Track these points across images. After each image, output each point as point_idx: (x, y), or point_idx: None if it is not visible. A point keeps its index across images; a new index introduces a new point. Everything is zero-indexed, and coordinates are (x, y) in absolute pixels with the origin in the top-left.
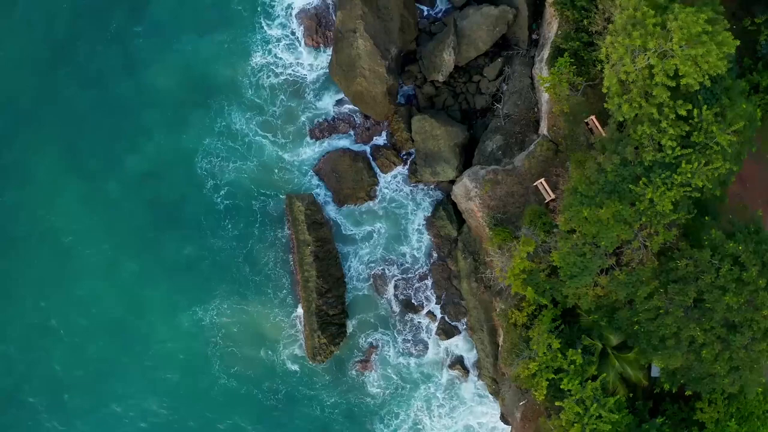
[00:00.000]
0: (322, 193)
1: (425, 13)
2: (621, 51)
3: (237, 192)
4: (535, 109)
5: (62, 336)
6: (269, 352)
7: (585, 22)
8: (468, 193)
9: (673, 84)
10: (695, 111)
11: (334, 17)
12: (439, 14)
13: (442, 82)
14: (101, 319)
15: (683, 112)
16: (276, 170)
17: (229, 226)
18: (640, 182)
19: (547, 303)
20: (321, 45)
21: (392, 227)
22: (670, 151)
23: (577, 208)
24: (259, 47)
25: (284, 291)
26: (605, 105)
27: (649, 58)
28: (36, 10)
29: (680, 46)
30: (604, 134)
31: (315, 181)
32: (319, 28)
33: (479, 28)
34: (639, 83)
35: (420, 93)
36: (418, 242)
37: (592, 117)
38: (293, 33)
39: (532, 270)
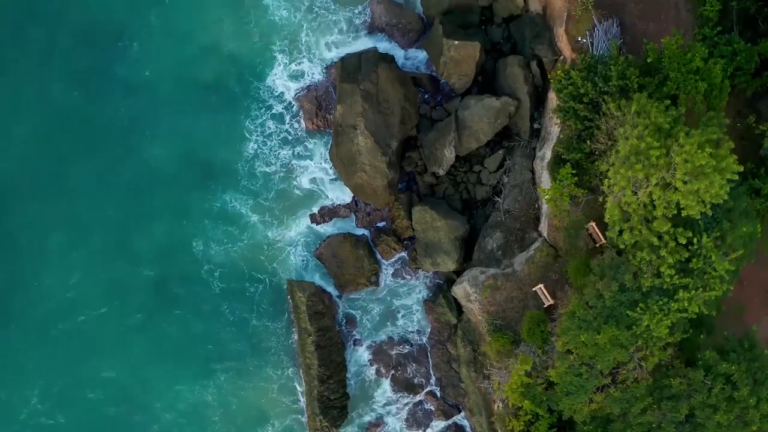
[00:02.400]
0: (321, 276)
1: (426, 96)
2: (623, 183)
3: (242, 273)
4: (536, 206)
5: (60, 410)
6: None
7: (586, 135)
8: (468, 296)
9: (675, 212)
10: (695, 238)
11: (334, 96)
12: (440, 99)
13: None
14: (102, 395)
15: (683, 240)
16: (276, 254)
17: (228, 309)
18: (638, 308)
19: (544, 414)
20: (322, 128)
21: (393, 310)
22: (668, 279)
23: (575, 332)
24: (258, 131)
25: (284, 370)
26: (607, 233)
27: (651, 192)
28: (38, 91)
29: (684, 181)
30: (604, 241)
31: (316, 265)
32: (319, 111)
33: (480, 120)
34: (640, 211)
35: (421, 180)
36: (418, 326)
37: (592, 224)
38: (293, 118)
39: (530, 384)
